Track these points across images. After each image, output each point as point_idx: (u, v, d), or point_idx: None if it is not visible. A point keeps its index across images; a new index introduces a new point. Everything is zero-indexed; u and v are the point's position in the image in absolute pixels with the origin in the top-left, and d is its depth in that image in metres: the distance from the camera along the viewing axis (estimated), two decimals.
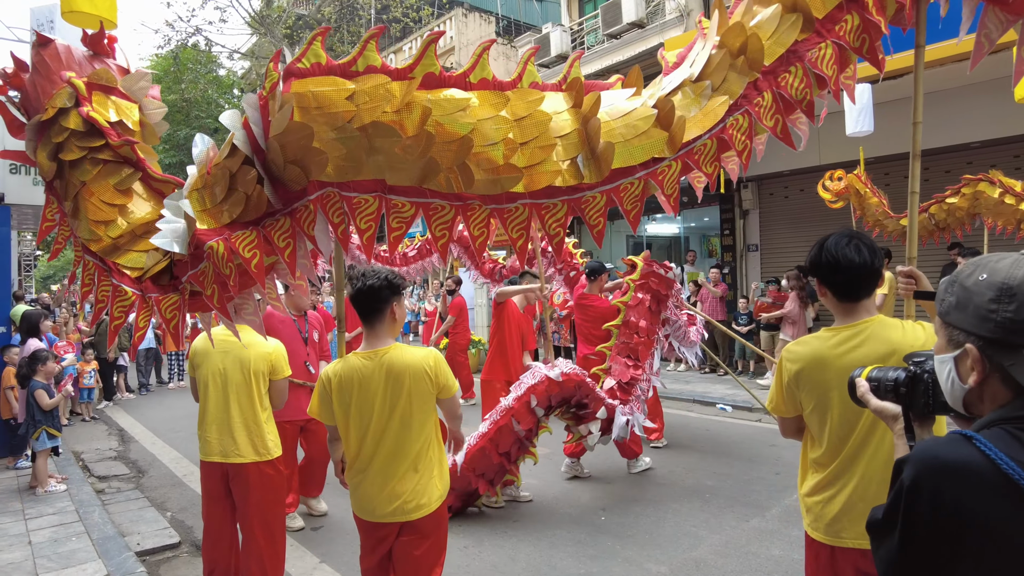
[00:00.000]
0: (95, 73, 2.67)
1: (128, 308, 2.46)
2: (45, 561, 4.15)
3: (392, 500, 2.52)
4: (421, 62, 2.23)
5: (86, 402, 9.44)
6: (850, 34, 2.29)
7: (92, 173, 2.56)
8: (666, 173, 2.33)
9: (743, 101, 2.30)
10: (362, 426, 2.54)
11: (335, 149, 2.14)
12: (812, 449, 2.08)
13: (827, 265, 2.01)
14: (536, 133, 2.27)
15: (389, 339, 2.61)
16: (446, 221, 2.31)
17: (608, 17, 12.86)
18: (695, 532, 4.38)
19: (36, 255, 29.66)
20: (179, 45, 19.86)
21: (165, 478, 6.32)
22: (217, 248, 2.17)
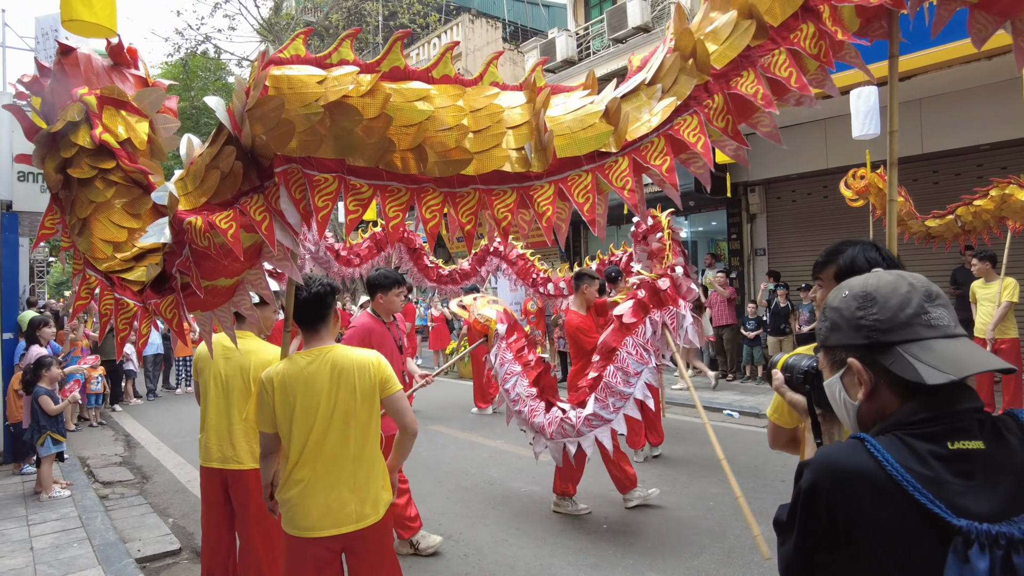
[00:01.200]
0: (107, 88, 2.66)
1: (131, 319, 2.55)
2: (45, 568, 4.15)
3: (338, 509, 2.45)
4: (387, 57, 2.38)
5: (94, 407, 9.50)
6: (806, 41, 2.37)
7: (106, 195, 2.60)
8: (613, 167, 2.43)
9: (692, 102, 2.39)
10: (306, 426, 2.48)
11: (301, 123, 2.27)
12: None
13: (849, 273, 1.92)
14: (489, 123, 2.41)
15: (330, 340, 2.64)
16: (401, 203, 2.41)
17: (614, 22, 12.85)
18: (697, 540, 4.33)
19: (49, 261, 29.95)
20: (188, 53, 20.04)
21: (169, 484, 6.34)
22: (195, 223, 2.29)
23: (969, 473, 0.99)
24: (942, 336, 1.07)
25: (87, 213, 2.59)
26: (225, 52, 22.32)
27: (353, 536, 2.49)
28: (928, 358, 1.04)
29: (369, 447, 2.56)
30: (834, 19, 2.35)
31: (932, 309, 1.09)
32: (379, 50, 20.21)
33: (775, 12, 2.37)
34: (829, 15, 2.34)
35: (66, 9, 3.40)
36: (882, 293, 1.11)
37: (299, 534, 2.47)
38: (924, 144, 9.51)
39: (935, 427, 1.03)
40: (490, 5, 21.44)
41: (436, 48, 19.15)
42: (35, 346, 6.35)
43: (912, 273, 1.16)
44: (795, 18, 2.37)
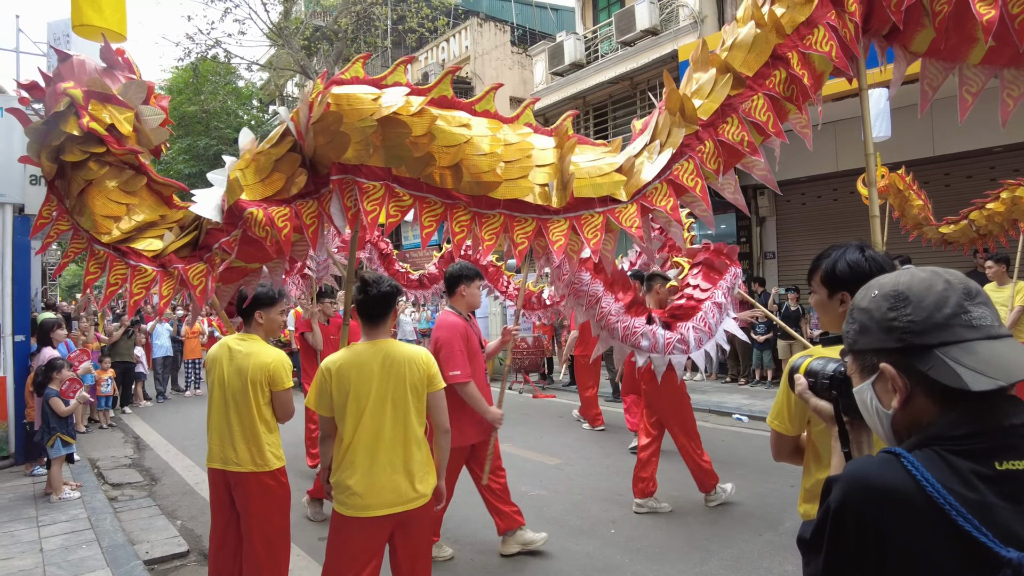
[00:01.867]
0: (91, 81, 2.85)
1: (148, 284, 2.81)
2: (55, 569, 4.17)
3: (390, 490, 2.65)
4: (438, 86, 2.82)
5: (103, 409, 9.56)
6: (779, 85, 2.75)
7: (99, 173, 2.86)
8: (624, 211, 2.84)
9: (686, 149, 2.78)
10: (358, 410, 2.66)
11: (356, 135, 2.66)
12: (820, 471, 1.91)
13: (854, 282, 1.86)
14: (519, 156, 2.83)
15: (387, 334, 2.84)
16: (436, 215, 2.81)
17: (622, 25, 12.84)
18: (706, 546, 4.29)
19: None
20: (199, 57, 20.18)
21: (177, 486, 6.36)
22: (256, 214, 2.68)
23: (1018, 497, 0.90)
24: (985, 337, 0.97)
25: (81, 189, 2.83)
26: (235, 56, 22.44)
27: (403, 516, 2.69)
28: (971, 362, 0.94)
29: (417, 434, 2.76)
30: (802, 64, 2.69)
31: (973, 308, 0.99)
32: (388, 55, 20.34)
33: (749, 63, 2.76)
34: (798, 61, 2.69)
35: (76, 14, 3.44)
36: (915, 292, 1.01)
37: (353, 514, 2.65)
38: (935, 147, 9.44)
39: (980, 444, 0.93)
40: (499, 9, 21.49)
41: (444, 53, 19.22)
42: (47, 348, 6.39)
43: (948, 269, 1.07)
44: (767, 66, 2.76)
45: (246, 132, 3.06)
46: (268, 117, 26.13)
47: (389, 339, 2.83)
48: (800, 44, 2.70)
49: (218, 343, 3.41)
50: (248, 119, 22.99)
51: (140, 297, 2.81)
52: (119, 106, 2.91)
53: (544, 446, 7.26)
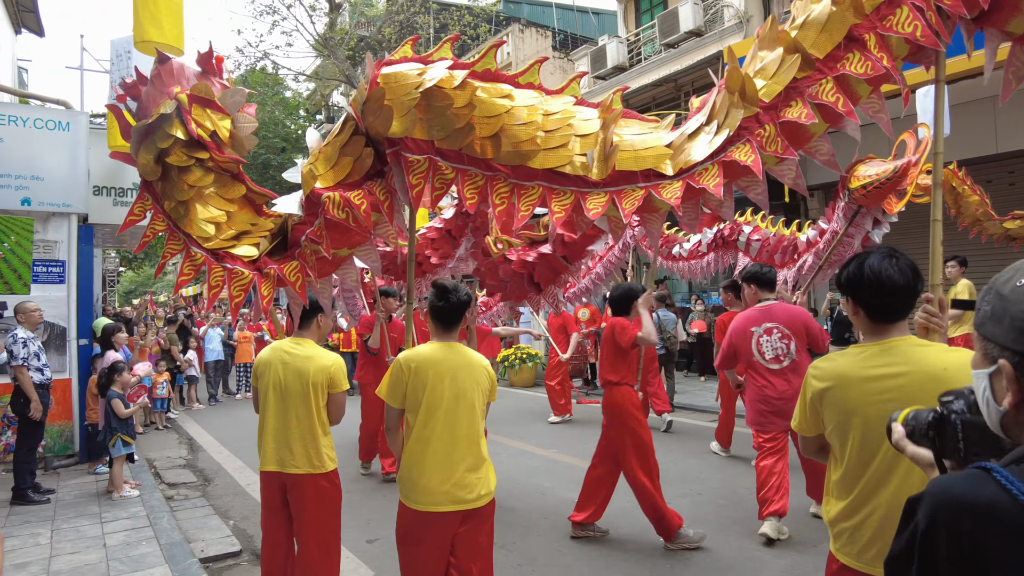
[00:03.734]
0: (196, 86, 2.95)
1: (246, 286, 2.93)
2: (117, 564, 4.32)
3: (459, 487, 2.74)
4: (481, 60, 2.86)
5: (159, 411, 9.89)
6: (854, 69, 2.53)
7: (204, 179, 3.00)
8: (667, 187, 2.73)
9: (743, 132, 2.64)
10: (433, 407, 2.76)
11: (401, 108, 2.73)
12: (835, 471, 1.96)
13: (869, 286, 1.90)
14: (559, 126, 2.79)
15: (455, 338, 2.96)
16: (477, 187, 2.84)
17: (665, 27, 12.72)
18: (759, 556, 4.19)
19: (119, 271, 31.43)
20: (248, 70, 20.80)
21: (229, 487, 6.52)
22: (333, 197, 2.81)
23: None
24: None
25: (189, 196, 2.92)
26: (282, 68, 23.08)
27: (469, 514, 2.77)
28: None
29: (482, 436, 2.88)
30: (880, 47, 2.50)
31: None
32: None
33: (820, 44, 2.57)
34: (875, 43, 2.49)
35: (138, 31, 3.58)
36: None
37: (422, 508, 2.74)
38: (999, 143, 9.05)
39: None
40: (540, 14, 21.54)
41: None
42: (110, 351, 6.63)
43: None
44: (840, 48, 2.56)
45: (312, 132, 3.21)
46: (314, 127, 26.72)
47: (460, 344, 2.92)
48: (879, 25, 2.48)
49: (269, 347, 3.48)
50: (295, 128, 23.55)
51: (240, 299, 2.93)
52: (218, 112, 3.00)
53: (589, 453, 7.17)
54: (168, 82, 3.06)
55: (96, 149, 7.34)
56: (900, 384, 1.82)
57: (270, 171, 20.71)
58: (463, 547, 2.80)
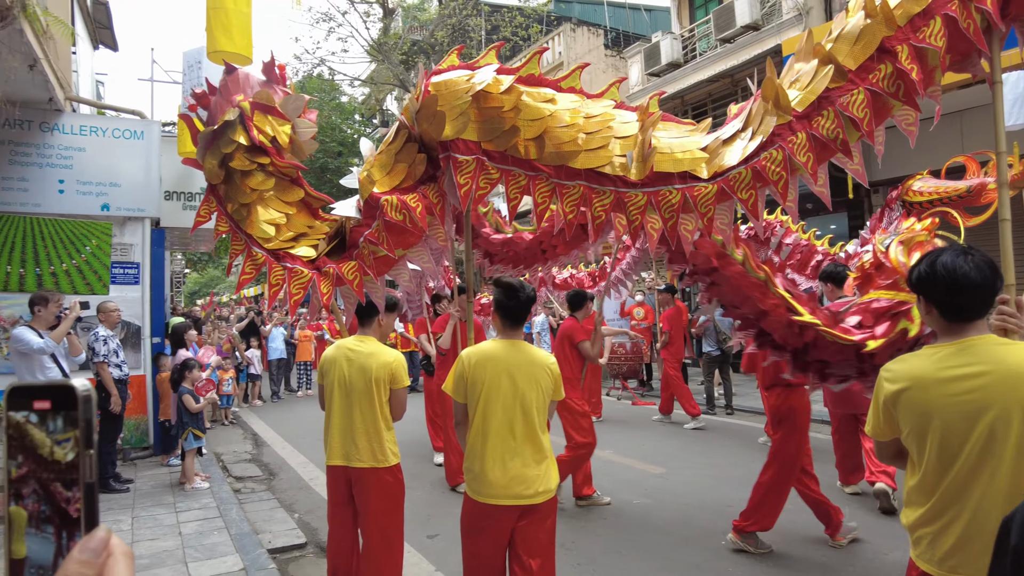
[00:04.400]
0: (258, 94, 3.11)
1: (305, 284, 3.06)
2: (192, 551, 4.53)
3: (519, 482, 2.78)
4: (526, 65, 3.04)
5: (225, 407, 10.27)
6: (884, 81, 2.60)
7: (268, 184, 3.15)
8: (702, 191, 2.82)
9: (776, 138, 2.73)
10: (491, 402, 2.82)
11: (452, 112, 2.89)
12: (913, 476, 1.90)
13: (944, 285, 1.84)
14: (599, 127, 2.93)
15: (521, 335, 3.02)
16: (520, 187, 3.00)
17: (720, 21, 12.47)
18: (824, 562, 4.07)
19: (185, 272, 32.77)
20: (306, 76, 21.38)
21: (293, 481, 6.73)
22: (391, 200, 2.98)
23: None
24: None
25: (251, 199, 3.07)
26: (338, 73, 23.62)
27: (528, 509, 2.81)
28: None
29: (543, 434, 2.89)
30: (912, 58, 2.54)
31: None
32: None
33: (853, 55, 2.64)
34: (907, 55, 2.54)
35: (211, 42, 3.75)
36: None
37: (481, 500, 2.81)
38: None
39: None
40: (591, 13, 21.43)
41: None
42: (181, 349, 6.94)
43: None
44: (872, 60, 2.62)
45: (365, 141, 3.36)
46: (369, 131, 27.27)
47: (524, 341, 2.98)
48: (913, 36, 2.54)
49: (334, 345, 3.58)
50: (351, 133, 24.07)
51: (299, 297, 3.07)
52: (279, 118, 3.15)
53: (646, 454, 7.13)
54: (234, 91, 3.20)
55: (167, 156, 7.69)
56: (981, 384, 1.75)
57: (327, 175, 21.23)
58: (523, 542, 2.83)
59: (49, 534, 0.51)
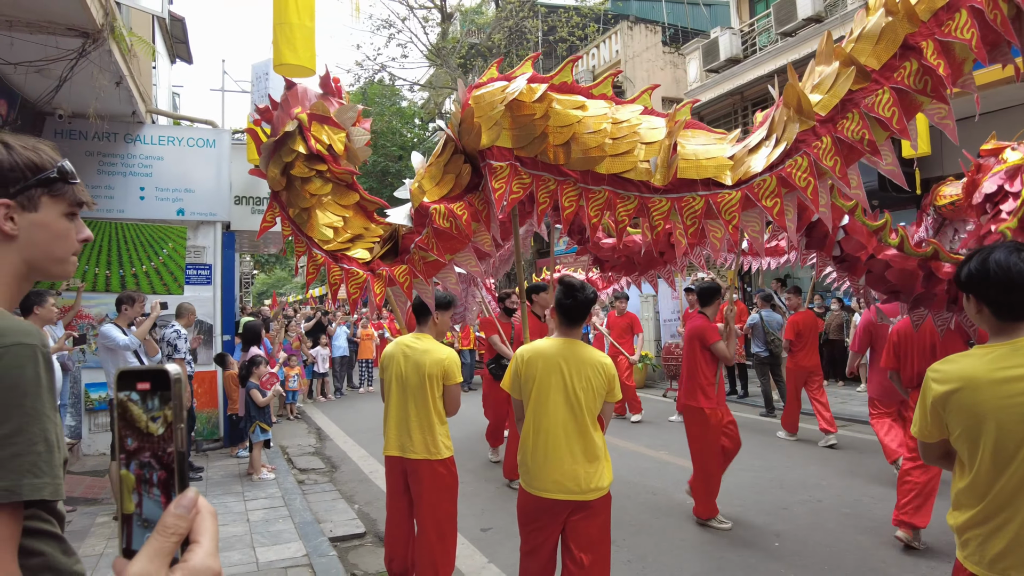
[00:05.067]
0: (314, 105, 3.33)
1: (361, 284, 3.23)
2: (259, 537, 4.79)
3: (569, 478, 2.87)
4: (559, 74, 3.15)
5: (291, 403, 10.70)
6: (910, 78, 2.55)
7: (325, 189, 3.34)
8: (726, 198, 2.82)
9: (800, 145, 2.71)
10: (542, 397, 2.94)
11: (487, 121, 3.05)
12: (962, 478, 1.87)
13: (997, 283, 1.81)
14: (626, 133, 3.01)
15: (579, 335, 3.12)
16: (549, 191, 3.12)
17: (781, 15, 12.17)
18: (881, 567, 3.97)
19: (253, 274, 34.18)
20: (367, 82, 21.98)
21: (354, 474, 6.99)
22: (439, 209, 3.14)
23: None
24: None
25: (310, 204, 3.27)
26: (399, 79, 24.20)
27: (578, 505, 2.90)
28: None
29: (595, 432, 2.97)
30: (938, 53, 2.49)
31: None
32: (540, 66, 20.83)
33: (876, 55, 2.60)
34: (933, 50, 2.49)
35: (277, 55, 3.98)
36: None
37: (533, 492, 2.94)
38: None
39: None
40: (648, 10, 21.19)
41: (595, 59, 19.33)
42: (253, 346, 7.29)
43: None
44: (896, 57, 2.57)
45: (416, 155, 3.54)
46: (429, 134, 27.79)
47: (580, 341, 3.06)
48: (937, 31, 2.49)
49: (393, 342, 3.76)
50: (411, 137, 24.59)
51: (357, 296, 3.24)
52: (334, 127, 3.35)
53: None
54: (293, 105, 3.40)
55: (237, 163, 8.10)
56: None
57: (388, 178, 21.77)
58: (575, 537, 2.92)
59: (149, 494, 0.62)
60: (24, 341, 1.04)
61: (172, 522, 0.61)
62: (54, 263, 1.22)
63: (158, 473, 0.62)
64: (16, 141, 1.18)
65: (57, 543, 1.13)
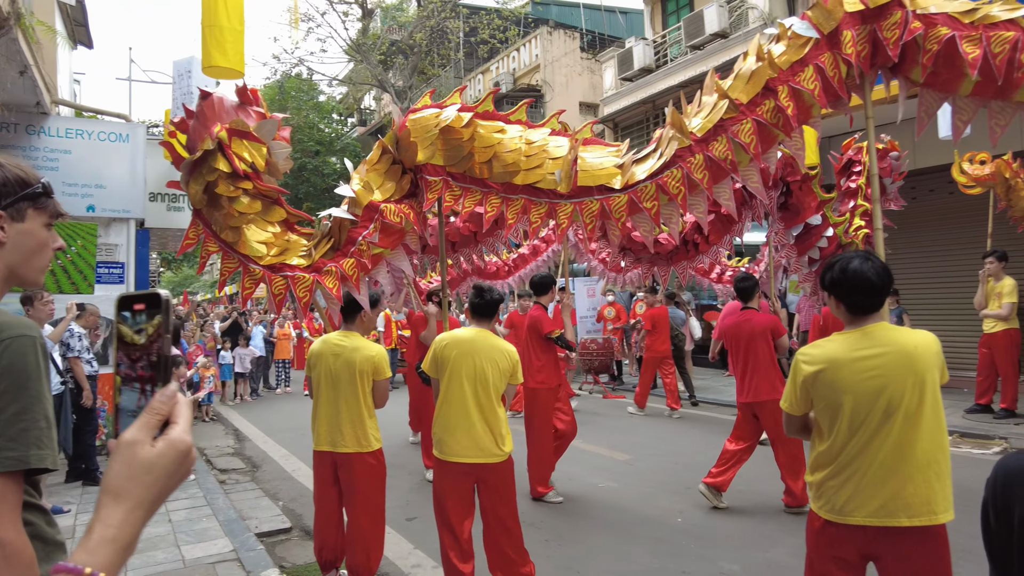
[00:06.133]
0: (234, 122, 3.31)
1: (310, 287, 3.46)
2: (184, 536, 4.79)
3: (474, 445, 3.38)
4: (482, 104, 3.72)
5: (206, 404, 10.44)
6: (767, 113, 3.16)
7: (255, 207, 3.44)
8: (616, 200, 3.43)
9: (677, 159, 3.33)
10: (454, 378, 3.42)
11: (424, 143, 3.57)
12: (822, 443, 2.29)
13: (852, 287, 2.24)
14: (537, 151, 3.60)
15: (489, 328, 3.66)
16: (475, 199, 3.68)
17: (691, 29, 12.92)
18: (771, 535, 4.47)
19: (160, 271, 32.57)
20: (284, 76, 21.47)
21: (276, 472, 6.99)
22: (389, 207, 3.58)
23: None
24: None
25: (239, 223, 3.38)
26: (317, 73, 23.75)
27: (485, 468, 3.41)
28: None
29: (499, 408, 3.49)
30: (790, 97, 3.11)
31: None
32: (460, 66, 20.96)
33: (746, 91, 3.22)
34: (786, 94, 3.11)
35: (206, 58, 4.01)
36: None
37: (443, 458, 3.42)
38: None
39: None
40: (568, 15, 21.78)
41: (515, 62, 19.73)
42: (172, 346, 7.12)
43: None
44: (760, 96, 3.20)
45: (348, 162, 4.15)
46: (347, 130, 27.36)
47: (489, 331, 3.62)
48: (792, 79, 3.12)
49: (320, 340, 3.89)
50: (329, 132, 24.17)
51: (307, 299, 3.47)
52: (254, 142, 3.36)
53: (614, 443, 7.51)
54: (210, 116, 3.39)
55: (152, 159, 7.88)
56: (882, 363, 2.17)
57: (304, 173, 21.36)
58: (487, 494, 3.47)
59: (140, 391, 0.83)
60: (26, 333, 1.20)
61: (157, 405, 0.82)
62: (35, 271, 1.37)
63: (145, 373, 0.83)
64: (5, 159, 1.34)
65: (42, 514, 1.30)
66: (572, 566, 4.17)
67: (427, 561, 4.33)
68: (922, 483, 2.11)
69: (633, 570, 4.07)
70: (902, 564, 2.14)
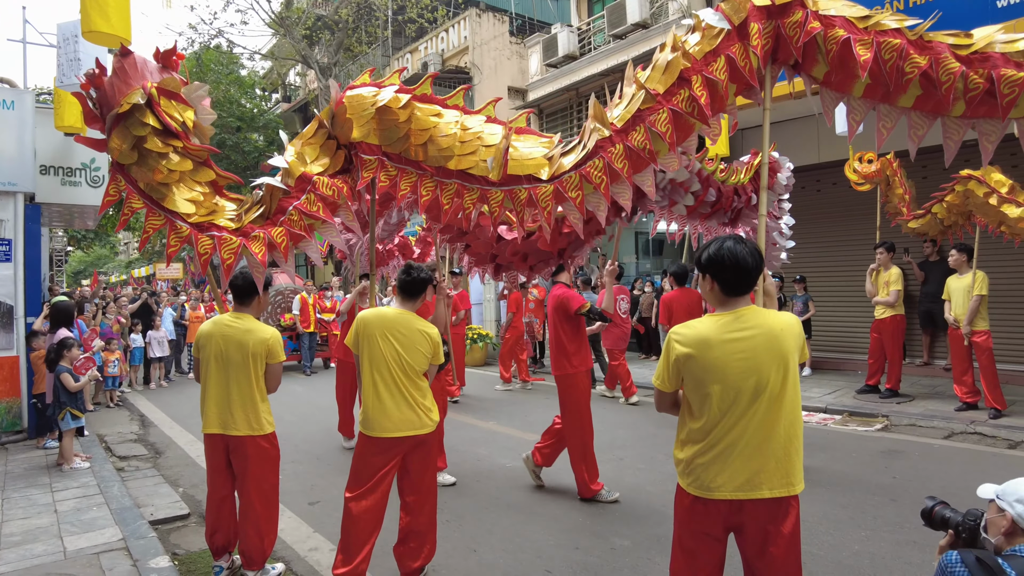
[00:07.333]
0: (165, 80, 3.38)
1: (236, 250, 3.38)
2: (68, 526, 4.58)
3: (402, 419, 3.48)
4: (420, 87, 3.70)
5: (110, 389, 9.97)
6: (683, 103, 3.27)
7: (185, 166, 3.45)
8: (542, 190, 3.52)
9: (598, 149, 3.43)
10: (374, 355, 3.51)
11: (359, 121, 3.55)
12: (693, 421, 2.37)
13: (727, 266, 2.32)
14: (472, 138, 3.63)
15: (414, 309, 3.70)
16: (411, 182, 3.66)
17: (613, 18, 13.10)
18: (662, 511, 4.68)
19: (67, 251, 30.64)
20: (202, 47, 20.48)
21: (180, 459, 6.77)
22: (322, 180, 3.54)
23: None
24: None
25: (168, 180, 3.37)
26: (237, 46, 22.73)
27: (416, 439, 3.52)
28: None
29: (422, 383, 3.60)
30: (703, 87, 3.20)
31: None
32: (388, 44, 20.51)
33: (662, 82, 3.32)
34: (700, 84, 3.21)
35: (85, 21, 3.77)
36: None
37: (371, 435, 3.48)
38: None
39: None
40: None
41: (444, 43, 19.47)
42: (62, 328, 6.75)
43: None
44: (675, 86, 3.30)
45: (283, 133, 4.06)
46: (270, 105, 26.39)
47: (413, 313, 3.66)
48: (705, 69, 3.20)
49: (210, 321, 3.80)
50: (251, 107, 23.26)
51: (232, 262, 3.37)
52: (182, 104, 3.41)
53: (528, 425, 7.64)
54: (132, 75, 3.36)
55: (43, 128, 7.40)
56: (751, 345, 2.25)
57: (225, 150, 20.51)
58: (416, 464, 3.59)
59: None
60: None
61: None
62: None
63: None
64: None
65: None
66: (470, 545, 4.24)
67: (325, 544, 4.31)
68: (783, 458, 2.24)
69: (527, 546, 4.19)
70: (762, 530, 2.27)
